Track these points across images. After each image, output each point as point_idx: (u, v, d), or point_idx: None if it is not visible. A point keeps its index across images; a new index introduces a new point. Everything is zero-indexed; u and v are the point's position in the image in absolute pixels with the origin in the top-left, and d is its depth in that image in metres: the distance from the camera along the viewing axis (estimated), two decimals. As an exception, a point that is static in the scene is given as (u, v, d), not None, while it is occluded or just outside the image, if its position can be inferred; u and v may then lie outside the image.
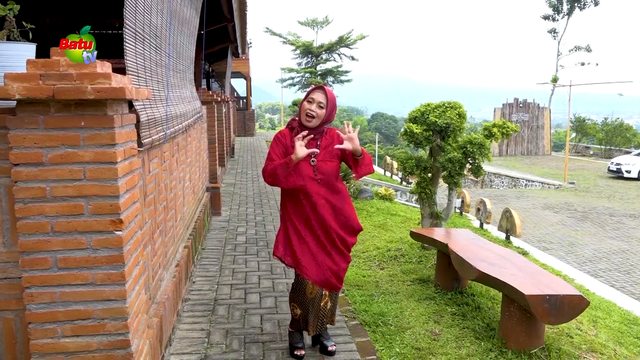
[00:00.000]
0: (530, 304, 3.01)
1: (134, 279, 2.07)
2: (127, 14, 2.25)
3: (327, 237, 2.91)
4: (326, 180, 2.89)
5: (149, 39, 2.77)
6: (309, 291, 2.95)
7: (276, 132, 3.05)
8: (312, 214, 2.88)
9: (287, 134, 2.95)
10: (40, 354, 1.88)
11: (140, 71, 2.59)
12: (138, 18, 2.46)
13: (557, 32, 37.29)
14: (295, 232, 2.93)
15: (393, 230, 6.70)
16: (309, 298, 2.96)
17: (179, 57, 4.10)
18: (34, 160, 1.80)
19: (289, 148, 2.88)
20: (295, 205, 2.92)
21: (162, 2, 3.10)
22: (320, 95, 2.87)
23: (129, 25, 2.28)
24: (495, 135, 5.35)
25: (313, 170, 2.87)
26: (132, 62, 2.40)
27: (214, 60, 12.05)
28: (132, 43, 2.39)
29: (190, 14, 4.52)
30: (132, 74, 2.38)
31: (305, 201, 2.88)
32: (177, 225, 3.90)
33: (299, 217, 2.92)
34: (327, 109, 2.88)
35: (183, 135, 4.28)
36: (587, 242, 11.24)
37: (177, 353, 3.07)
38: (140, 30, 2.53)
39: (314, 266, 2.90)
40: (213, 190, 6.79)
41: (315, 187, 2.86)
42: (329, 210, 2.90)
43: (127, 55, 2.32)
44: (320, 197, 2.87)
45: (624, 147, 30.18)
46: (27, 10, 5.88)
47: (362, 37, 28.69)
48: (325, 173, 2.88)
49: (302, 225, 2.91)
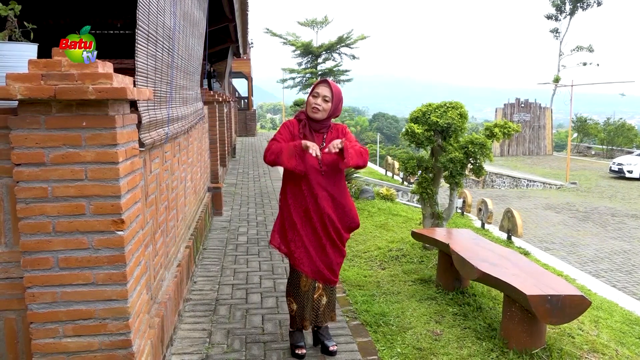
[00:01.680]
0: (531, 304, 3.00)
1: (136, 279, 2.07)
2: (141, 15, 2.26)
3: (324, 230, 2.95)
4: (330, 172, 2.93)
5: (161, 41, 2.79)
6: (303, 283, 2.99)
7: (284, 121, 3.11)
8: (312, 205, 2.91)
9: (295, 124, 3.01)
10: (42, 353, 1.89)
11: (150, 72, 2.59)
12: (151, 19, 2.47)
13: (559, 32, 37.27)
14: (290, 224, 2.97)
15: (394, 231, 6.69)
16: (303, 291, 3.00)
17: (190, 58, 4.11)
18: (36, 160, 1.80)
19: (296, 137, 2.94)
20: (295, 196, 2.95)
21: (175, 4, 3.11)
22: (325, 89, 2.90)
23: (141, 27, 2.29)
24: (497, 136, 5.34)
25: (318, 162, 2.90)
26: (143, 63, 2.41)
27: (215, 60, 12.05)
28: (145, 44, 2.40)
29: (199, 16, 4.53)
30: (141, 74, 2.38)
31: (306, 191, 2.91)
32: (179, 225, 3.90)
33: (298, 208, 2.95)
34: (332, 103, 2.91)
35: (185, 135, 4.28)
36: (589, 243, 11.22)
37: (179, 353, 3.08)
38: (153, 32, 2.54)
39: (306, 258, 2.95)
40: (214, 191, 6.79)
41: (319, 178, 2.90)
42: (329, 203, 2.94)
43: (139, 56, 2.32)
44: (322, 188, 2.91)
45: (625, 147, 30.13)
46: (29, 11, 5.89)
47: (363, 38, 28.63)
48: (329, 165, 2.92)
49: (300, 216, 2.94)
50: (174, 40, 3.18)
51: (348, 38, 28.21)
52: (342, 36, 28.22)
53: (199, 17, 4.48)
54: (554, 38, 37.64)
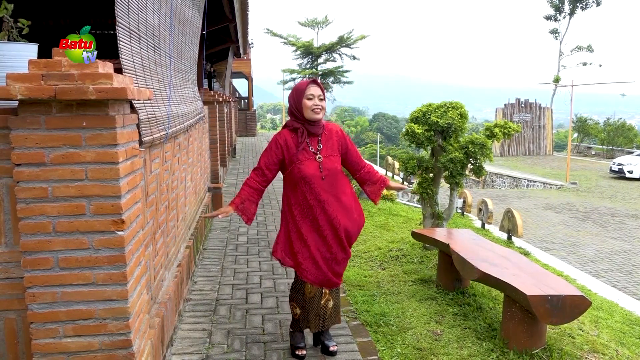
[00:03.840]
0: (531, 304, 3.00)
1: (136, 279, 2.07)
2: (119, 12, 2.23)
3: (335, 237, 2.89)
4: (331, 175, 2.89)
5: (145, 38, 2.76)
6: (308, 291, 2.96)
7: (273, 135, 3.02)
8: (320, 214, 2.86)
9: (289, 135, 2.92)
10: (42, 353, 1.89)
11: (139, 70, 2.58)
12: (132, 16, 2.44)
13: (559, 32, 37.26)
14: (297, 234, 2.90)
15: (394, 231, 6.69)
16: (309, 297, 2.97)
17: (180, 57, 4.10)
18: (36, 160, 1.80)
19: (291, 149, 2.88)
20: (301, 206, 2.88)
21: (159, 1, 3.09)
22: (317, 89, 2.89)
23: (122, 24, 2.26)
24: (497, 136, 5.34)
25: (319, 167, 2.86)
26: (129, 61, 2.39)
27: (215, 60, 12.06)
28: (127, 42, 2.38)
29: (193, 15, 4.51)
30: (129, 72, 2.37)
31: (312, 200, 2.85)
32: (179, 225, 3.90)
33: (304, 218, 2.88)
34: (325, 100, 2.93)
35: (185, 136, 4.28)
36: (589, 243, 11.22)
37: (179, 353, 3.07)
38: (135, 29, 2.51)
39: (314, 268, 2.89)
40: (214, 191, 6.79)
41: (321, 183, 2.86)
42: (337, 207, 2.89)
43: (123, 54, 2.30)
44: (328, 193, 2.87)
45: (626, 147, 30.12)
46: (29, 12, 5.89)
47: (363, 38, 28.64)
48: (330, 169, 2.89)
49: (307, 226, 2.88)
50: (160, 37, 3.16)
51: (349, 38, 28.21)
52: (342, 36, 28.23)
53: (192, 16, 4.46)
54: (553, 38, 37.66)
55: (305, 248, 2.89)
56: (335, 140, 2.99)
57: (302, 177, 2.83)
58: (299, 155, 2.85)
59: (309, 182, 2.84)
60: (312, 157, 2.86)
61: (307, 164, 2.84)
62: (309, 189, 2.85)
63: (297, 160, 2.85)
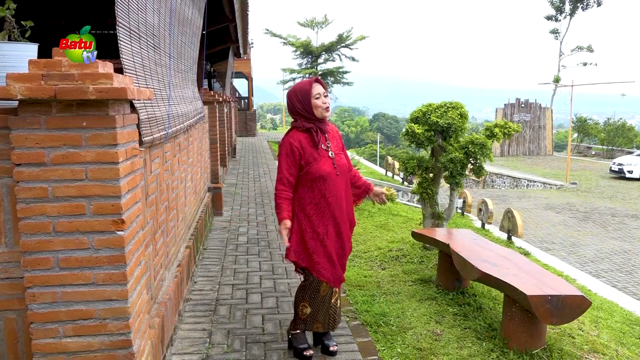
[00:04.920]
0: (532, 304, 3.00)
1: (136, 279, 2.07)
2: (120, 12, 2.23)
3: (348, 231, 3.01)
4: (343, 172, 2.97)
5: (145, 38, 2.76)
6: (322, 289, 2.97)
7: (284, 138, 2.94)
8: (338, 212, 2.92)
9: (301, 137, 2.89)
10: (42, 353, 1.89)
11: (139, 70, 2.58)
12: (132, 16, 2.45)
13: (559, 33, 37.27)
14: (312, 234, 2.90)
15: (394, 231, 6.69)
16: (322, 296, 2.98)
17: (180, 57, 4.10)
18: (36, 160, 1.80)
19: (306, 150, 2.86)
20: (318, 206, 2.89)
21: (159, 1, 3.09)
22: (321, 87, 2.93)
23: (122, 24, 2.26)
24: (497, 136, 5.34)
25: (332, 164, 2.91)
26: (129, 61, 2.39)
27: (215, 60, 12.06)
28: (128, 42, 2.38)
29: (193, 14, 4.51)
30: (129, 72, 2.37)
31: (331, 198, 2.88)
32: (179, 225, 3.90)
33: (321, 217, 2.89)
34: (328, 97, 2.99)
35: (185, 136, 4.28)
36: (589, 243, 11.22)
37: (179, 353, 3.07)
38: (135, 29, 2.52)
39: (330, 266, 2.93)
40: (215, 191, 6.79)
41: (337, 180, 2.92)
42: (348, 203, 3.03)
43: (123, 54, 2.31)
44: (342, 189, 2.95)
45: (625, 147, 30.13)
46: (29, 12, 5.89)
47: (362, 38, 28.63)
48: (341, 165, 2.97)
49: (325, 225, 2.90)
50: (159, 37, 3.16)
51: (348, 37, 28.20)
52: (342, 35, 28.22)
53: (192, 16, 4.46)
54: (554, 38, 37.67)
55: (321, 247, 2.90)
56: (338, 138, 3.08)
57: (321, 175, 2.86)
58: (315, 154, 2.88)
59: (326, 180, 2.87)
60: (325, 154, 2.91)
61: (323, 161, 2.88)
62: (326, 186, 2.87)
63: (314, 160, 2.86)
